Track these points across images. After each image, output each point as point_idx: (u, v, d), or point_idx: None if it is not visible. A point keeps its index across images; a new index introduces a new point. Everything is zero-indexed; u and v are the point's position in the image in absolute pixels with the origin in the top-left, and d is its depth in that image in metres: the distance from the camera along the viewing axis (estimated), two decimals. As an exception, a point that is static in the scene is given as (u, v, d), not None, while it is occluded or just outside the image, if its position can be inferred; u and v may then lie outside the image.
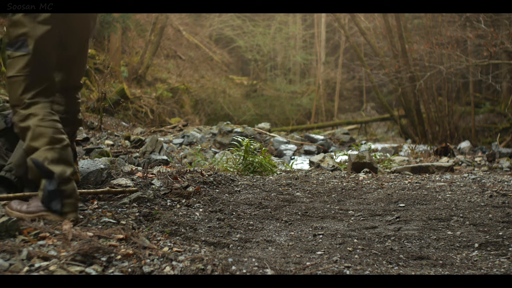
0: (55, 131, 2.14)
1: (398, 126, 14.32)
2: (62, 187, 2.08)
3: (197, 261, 1.83)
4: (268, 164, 4.78)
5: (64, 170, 2.10)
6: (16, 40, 2.13)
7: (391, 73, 12.41)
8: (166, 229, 2.30)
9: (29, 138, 2.11)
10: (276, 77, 21.00)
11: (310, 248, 2.24)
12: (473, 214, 2.78)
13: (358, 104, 22.31)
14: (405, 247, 2.27)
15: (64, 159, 2.13)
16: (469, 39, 11.17)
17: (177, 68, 18.64)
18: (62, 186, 2.08)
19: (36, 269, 1.57)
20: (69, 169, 2.13)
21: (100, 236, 1.94)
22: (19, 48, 2.13)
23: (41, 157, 2.08)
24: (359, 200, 3.35)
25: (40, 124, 2.12)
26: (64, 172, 2.10)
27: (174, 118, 14.84)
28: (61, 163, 2.10)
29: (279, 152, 8.58)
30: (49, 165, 2.08)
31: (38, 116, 2.13)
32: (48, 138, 2.11)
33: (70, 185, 2.12)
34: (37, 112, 2.14)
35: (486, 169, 6.38)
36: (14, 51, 2.14)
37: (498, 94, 15.57)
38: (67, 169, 2.12)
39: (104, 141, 7.28)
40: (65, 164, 2.12)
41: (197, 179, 3.44)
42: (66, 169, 2.12)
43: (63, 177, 2.09)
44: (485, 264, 2.01)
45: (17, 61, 2.13)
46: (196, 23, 21.90)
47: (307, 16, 21.82)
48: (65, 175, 2.10)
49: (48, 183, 2.09)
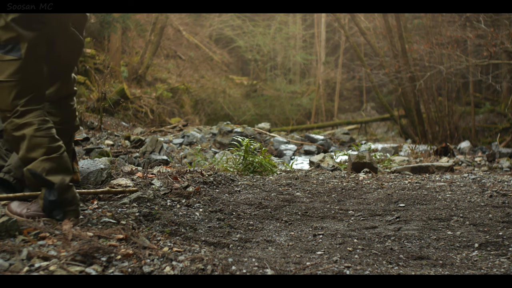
0: (51, 139, 2.09)
1: (398, 126, 14.32)
2: (63, 196, 2.07)
3: (197, 261, 1.83)
4: (268, 164, 4.78)
5: (63, 179, 2.08)
6: (6, 42, 2.04)
7: (391, 73, 12.41)
8: (166, 229, 2.30)
9: (25, 149, 2.06)
10: (276, 77, 21.00)
11: (310, 248, 2.24)
12: (473, 214, 2.78)
13: (358, 104, 22.30)
14: (405, 247, 2.27)
15: (62, 167, 2.10)
16: (469, 39, 11.17)
17: (177, 68, 18.64)
18: (63, 195, 2.07)
19: (36, 269, 1.57)
20: (68, 177, 2.11)
21: (100, 236, 1.94)
22: (10, 51, 2.04)
23: (39, 168, 2.04)
24: (359, 200, 3.35)
25: (36, 134, 2.06)
26: (63, 181, 2.08)
27: (174, 118, 14.84)
28: (60, 173, 2.07)
29: (279, 152, 8.57)
30: (48, 176, 2.05)
31: (34, 126, 2.06)
32: (44, 148, 2.06)
33: (71, 192, 2.10)
34: (32, 121, 2.07)
35: (486, 169, 6.38)
36: (4, 54, 2.04)
37: (498, 94, 15.57)
38: (66, 177, 2.10)
39: (104, 141, 7.28)
40: (64, 173, 2.10)
41: (197, 179, 3.44)
42: (65, 178, 2.09)
43: (63, 186, 2.07)
44: (485, 264, 2.01)
45: (7, 65, 2.04)
46: (196, 23, 21.90)
47: (307, 16, 21.82)
48: (64, 183, 2.08)
49: (49, 193, 2.07)
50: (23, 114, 2.07)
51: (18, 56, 2.04)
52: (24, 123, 2.06)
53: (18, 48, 2.04)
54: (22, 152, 2.07)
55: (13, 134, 2.08)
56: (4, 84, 2.05)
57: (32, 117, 2.07)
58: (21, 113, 2.06)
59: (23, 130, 2.06)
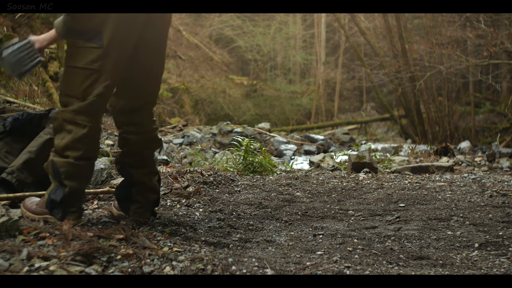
0: (90, 148, 2.06)
1: (398, 126, 14.31)
2: (66, 199, 2.06)
3: (197, 261, 1.83)
4: (268, 164, 4.78)
5: (78, 185, 2.08)
6: (88, 29, 1.98)
7: (391, 73, 12.40)
8: (166, 229, 2.30)
9: (64, 144, 2.03)
10: (276, 77, 20.99)
11: (310, 248, 2.24)
12: (473, 214, 2.78)
13: (358, 104, 22.29)
14: (405, 247, 2.27)
15: (83, 175, 2.10)
16: (469, 39, 11.17)
17: (177, 68, 18.63)
18: (67, 198, 2.06)
19: (36, 269, 1.57)
20: (84, 184, 2.11)
21: (100, 236, 1.94)
22: (92, 39, 1.97)
23: (63, 167, 2.03)
24: (359, 200, 3.35)
25: (81, 139, 2.02)
26: (78, 187, 2.08)
27: (174, 118, 14.84)
28: (78, 179, 2.07)
29: (279, 152, 8.57)
30: (66, 179, 2.04)
31: (84, 130, 2.01)
32: (79, 153, 2.03)
33: (76, 196, 2.10)
34: (85, 124, 2.02)
35: (486, 169, 6.38)
36: (86, 41, 1.98)
37: (498, 94, 15.56)
38: (82, 184, 2.10)
39: (104, 141, 7.27)
40: (82, 180, 2.10)
41: (197, 179, 3.45)
42: (81, 185, 2.10)
43: (73, 191, 2.06)
44: (485, 264, 2.01)
45: (88, 52, 1.98)
46: (196, 23, 21.90)
47: (307, 16, 21.81)
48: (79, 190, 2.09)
49: (55, 190, 2.07)
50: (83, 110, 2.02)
51: (100, 44, 1.98)
52: (78, 121, 2.02)
53: (101, 36, 1.98)
54: (59, 143, 2.05)
55: (63, 123, 2.04)
56: (78, 71, 2.00)
57: (88, 119, 2.03)
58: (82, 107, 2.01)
59: (73, 127, 2.02)
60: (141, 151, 2.32)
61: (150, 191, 2.35)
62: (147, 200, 2.34)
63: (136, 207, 2.33)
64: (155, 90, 2.32)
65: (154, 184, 2.36)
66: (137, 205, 2.33)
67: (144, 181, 2.33)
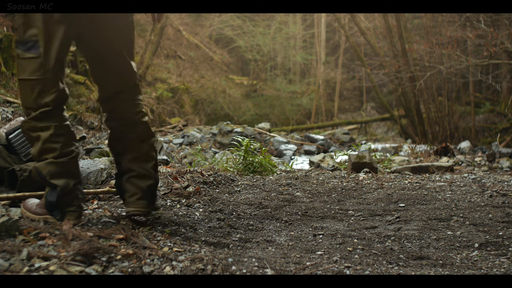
0: (64, 145, 2.07)
1: (398, 126, 14.32)
2: (63, 199, 2.07)
3: (197, 261, 1.83)
4: (268, 164, 4.78)
5: (67, 182, 2.08)
6: (27, 39, 2.00)
7: (391, 73, 12.40)
8: (166, 229, 2.30)
9: (38, 150, 2.06)
10: (276, 77, 20.99)
11: (310, 248, 2.24)
12: (473, 214, 2.78)
13: (358, 104, 22.29)
14: (405, 247, 2.27)
15: (68, 171, 2.09)
16: (469, 39, 11.17)
17: (177, 68, 18.63)
18: (63, 198, 2.07)
19: (36, 269, 1.57)
20: (73, 180, 2.11)
21: (100, 236, 1.94)
22: (30, 49, 2.01)
23: (45, 170, 2.05)
24: (359, 200, 3.35)
25: (50, 139, 2.04)
26: (67, 185, 2.08)
27: (174, 118, 14.84)
28: (64, 176, 2.07)
29: (279, 152, 8.57)
30: (52, 179, 2.05)
31: (50, 131, 2.04)
32: (56, 152, 2.05)
33: (73, 194, 2.10)
34: (50, 125, 2.04)
35: (486, 169, 6.38)
36: (25, 51, 2.01)
37: (498, 94, 15.56)
38: (71, 181, 2.10)
39: (104, 141, 7.27)
40: (69, 177, 2.09)
41: (197, 179, 3.45)
42: (69, 181, 2.09)
43: (66, 190, 2.07)
44: (485, 264, 2.01)
45: (28, 63, 2.01)
46: (196, 23, 21.89)
47: (307, 16, 21.81)
48: (68, 187, 2.08)
49: (50, 193, 2.09)
50: (42, 116, 2.04)
51: (38, 54, 2.00)
52: (41, 126, 2.04)
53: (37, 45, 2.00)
54: (34, 151, 2.09)
55: (29, 133, 2.08)
56: (26, 82, 2.03)
57: (50, 121, 2.05)
58: (40, 114, 2.04)
59: (39, 133, 2.05)
60: (125, 135, 2.31)
61: (140, 178, 2.29)
62: (138, 187, 2.28)
63: (128, 196, 2.30)
64: (122, 80, 2.28)
65: (145, 170, 2.30)
66: (128, 194, 2.30)
67: (131, 168, 2.29)
